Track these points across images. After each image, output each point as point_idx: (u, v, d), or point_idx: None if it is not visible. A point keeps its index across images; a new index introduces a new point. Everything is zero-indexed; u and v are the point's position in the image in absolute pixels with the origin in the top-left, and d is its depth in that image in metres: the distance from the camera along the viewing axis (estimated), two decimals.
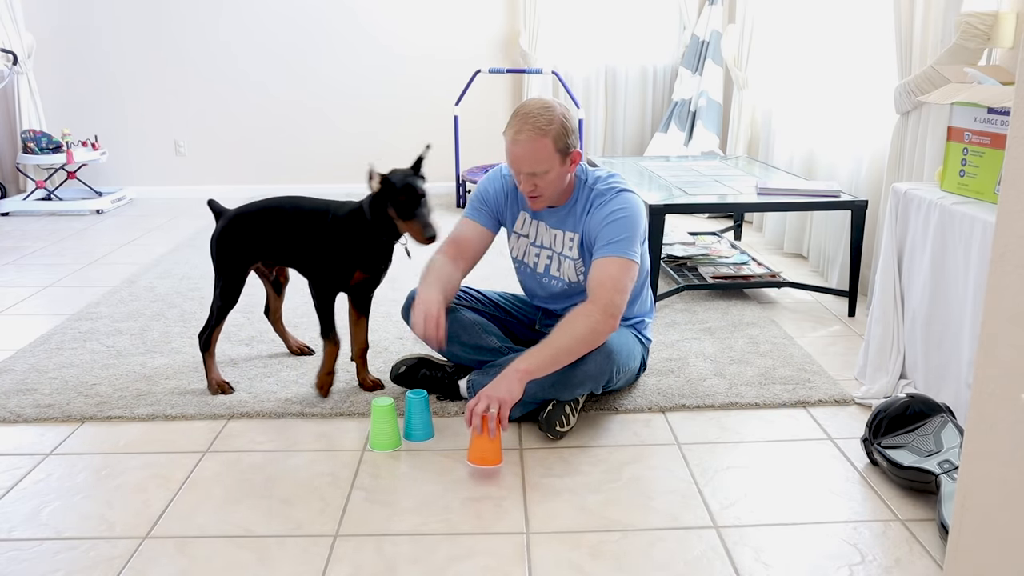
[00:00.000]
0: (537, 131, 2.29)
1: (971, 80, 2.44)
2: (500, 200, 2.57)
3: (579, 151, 2.39)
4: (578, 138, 2.39)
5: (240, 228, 2.63)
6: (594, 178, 2.48)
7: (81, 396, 2.66)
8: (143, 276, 4.01)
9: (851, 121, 3.88)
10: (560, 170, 2.36)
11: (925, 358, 2.50)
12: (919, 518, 1.99)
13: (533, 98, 2.37)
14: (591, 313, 2.28)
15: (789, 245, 4.43)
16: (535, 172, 2.33)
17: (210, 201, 2.78)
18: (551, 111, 2.32)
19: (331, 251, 2.54)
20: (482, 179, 2.62)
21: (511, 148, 2.33)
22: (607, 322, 2.29)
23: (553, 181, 2.36)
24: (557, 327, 2.30)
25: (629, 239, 2.35)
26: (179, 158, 6.05)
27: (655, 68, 5.97)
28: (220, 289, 2.65)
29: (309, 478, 2.20)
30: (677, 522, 1.99)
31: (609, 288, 2.30)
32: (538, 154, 2.30)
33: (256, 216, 2.63)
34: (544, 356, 2.26)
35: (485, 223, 2.57)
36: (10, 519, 2.01)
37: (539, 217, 2.54)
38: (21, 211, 5.49)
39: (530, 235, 2.58)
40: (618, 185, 2.45)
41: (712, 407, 2.59)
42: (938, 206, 2.39)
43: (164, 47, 5.85)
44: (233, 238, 2.63)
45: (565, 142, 2.33)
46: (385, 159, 6.09)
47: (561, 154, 2.33)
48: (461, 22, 5.88)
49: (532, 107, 2.32)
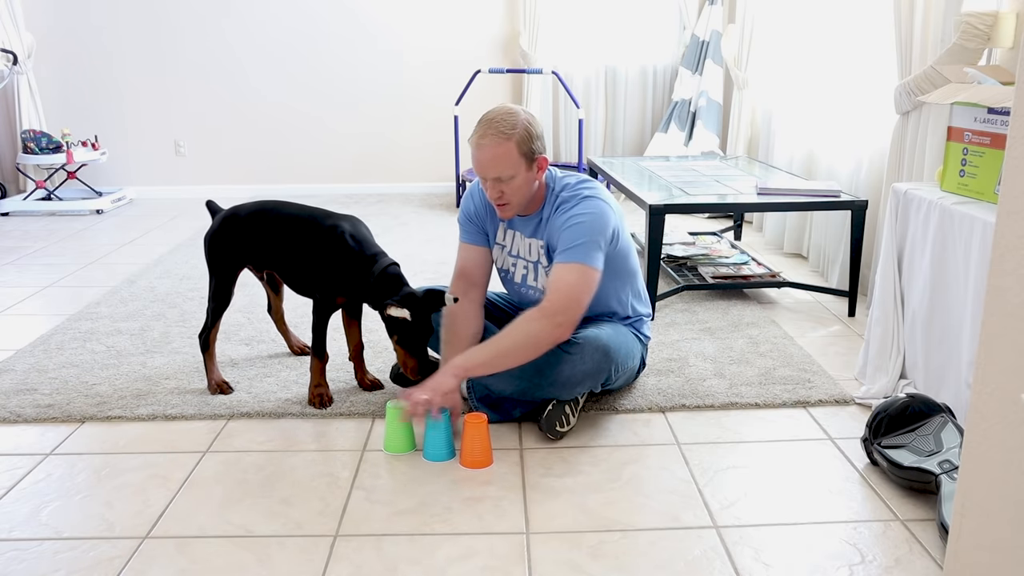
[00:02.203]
0: (500, 135, 2.26)
1: (971, 80, 2.44)
2: (481, 214, 2.55)
3: (545, 157, 2.37)
4: (544, 144, 2.36)
5: (229, 230, 2.63)
6: (561, 185, 2.43)
7: (81, 396, 2.66)
8: (143, 276, 4.01)
9: (851, 121, 3.88)
10: (526, 176, 2.33)
11: (925, 358, 2.50)
12: (919, 518, 1.99)
13: (499, 105, 2.36)
14: (536, 320, 2.25)
15: (789, 245, 4.43)
16: (500, 177, 2.30)
17: (208, 202, 2.79)
18: (515, 116, 2.30)
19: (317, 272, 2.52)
20: (463, 198, 2.60)
21: (475, 153, 2.31)
22: (553, 332, 2.25)
23: (520, 187, 2.33)
24: (505, 328, 2.28)
25: (586, 244, 2.29)
26: (179, 158, 6.05)
27: (655, 68, 5.97)
28: (212, 289, 2.66)
29: (309, 478, 2.20)
30: (677, 522, 1.99)
31: (562, 297, 2.26)
32: (502, 159, 2.27)
33: (245, 219, 2.62)
34: (483, 356, 2.26)
35: (478, 241, 2.56)
36: (10, 519, 2.01)
37: (514, 227, 2.52)
38: (21, 211, 5.49)
39: (507, 245, 2.56)
40: (584, 191, 2.39)
41: (712, 407, 2.59)
42: (938, 206, 2.39)
43: (164, 47, 5.85)
44: (222, 239, 2.63)
45: (530, 146, 2.30)
46: (385, 159, 6.10)
47: (526, 159, 2.30)
48: (461, 22, 5.88)
49: (496, 113, 2.31)
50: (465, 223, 2.57)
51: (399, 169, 6.12)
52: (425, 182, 6.14)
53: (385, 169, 6.12)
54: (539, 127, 2.35)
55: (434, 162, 6.10)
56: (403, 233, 4.88)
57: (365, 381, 2.71)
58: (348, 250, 2.48)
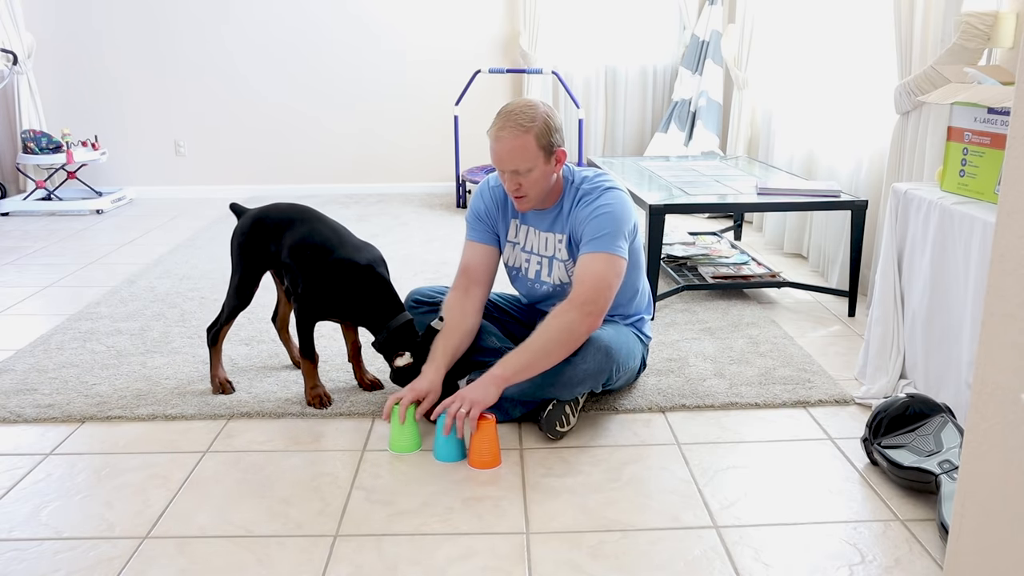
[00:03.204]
0: (519, 128, 2.28)
1: (971, 80, 2.44)
2: (492, 212, 2.56)
3: (564, 150, 2.38)
4: (563, 137, 2.38)
5: (257, 231, 2.61)
6: (580, 178, 2.46)
7: (81, 396, 2.66)
8: (143, 276, 4.01)
9: (851, 121, 3.88)
10: (544, 168, 2.35)
11: (925, 358, 2.50)
12: (919, 518, 1.99)
13: (518, 98, 2.37)
14: (567, 312, 2.27)
15: (789, 245, 4.43)
16: (519, 170, 2.32)
17: (232, 204, 2.76)
18: (534, 109, 2.32)
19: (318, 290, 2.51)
20: (472, 196, 2.61)
21: (494, 145, 2.32)
22: (584, 320, 2.27)
23: (538, 180, 2.35)
24: (536, 329, 2.29)
25: (613, 234, 2.33)
26: (179, 158, 6.05)
27: (655, 68, 5.97)
28: (234, 287, 2.64)
29: (309, 478, 2.20)
30: (677, 522, 1.99)
31: (590, 285, 2.29)
32: (521, 151, 2.29)
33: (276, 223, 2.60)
34: (522, 360, 2.25)
35: (487, 240, 2.56)
36: (10, 519, 2.01)
37: (528, 222, 2.53)
38: (21, 211, 5.49)
39: (521, 241, 2.57)
40: (604, 183, 2.43)
41: (712, 407, 2.59)
42: (938, 206, 2.39)
43: (164, 47, 5.85)
44: (251, 239, 2.61)
45: (548, 139, 2.32)
46: (385, 159, 6.10)
47: (545, 152, 2.32)
48: (461, 22, 5.88)
49: (515, 106, 2.33)
50: (474, 221, 2.57)
51: (399, 169, 6.12)
52: (425, 182, 6.14)
53: (385, 169, 6.12)
54: (558, 120, 2.36)
55: (434, 162, 6.10)
56: (403, 233, 4.88)
57: (364, 381, 2.71)
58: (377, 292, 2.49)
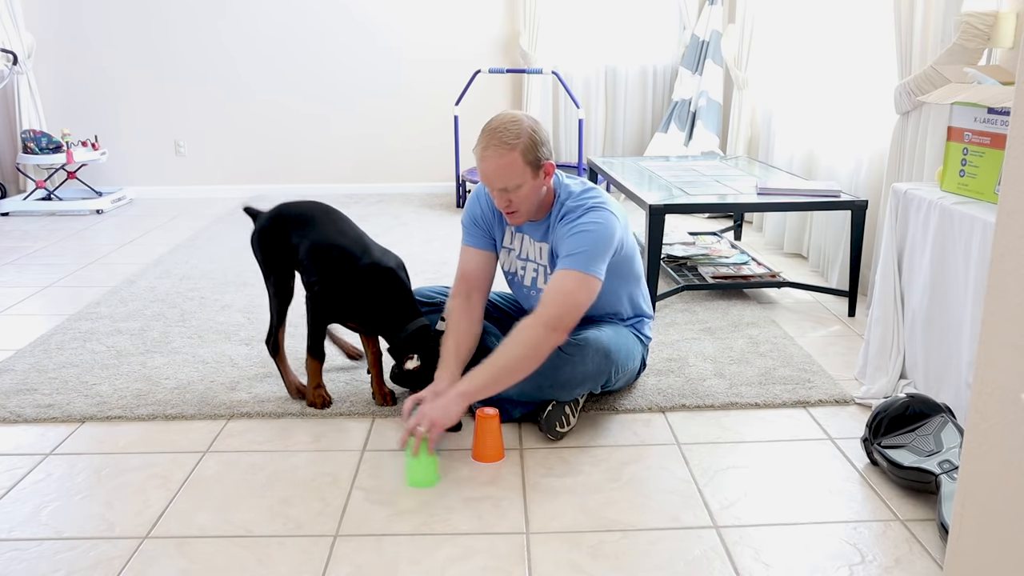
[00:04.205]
0: (504, 145, 2.24)
1: (971, 80, 2.44)
2: (488, 218, 2.52)
3: (551, 163, 2.34)
4: (550, 149, 2.33)
5: (276, 229, 2.59)
6: (567, 193, 2.40)
7: (81, 396, 2.66)
8: (143, 276, 4.01)
9: (851, 121, 3.88)
10: (533, 184, 2.30)
11: (925, 358, 2.50)
12: (919, 518, 1.99)
13: (502, 112, 2.34)
14: (533, 328, 2.22)
15: (789, 245, 4.43)
16: (507, 187, 2.27)
17: (247, 208, 2.74)
18: (518, 124, 2.26)
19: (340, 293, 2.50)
20: (468, 201, 2.57)
21: (480, 165, 2.28)
22: (549, 337, 2.22)
23: (527, 195, 2.31)
24: (502, 343, 2.25)
25: (588, 253, 2.26)
26: (179, 158, 6.05)
27: (655, 68, 5.97)
28: (272, 291, 2.62)
29: (309, 478, 2.20)
30: (677, 522, 1.99)
31: (559, 303, 2.24)
32: (507, 169, 2.25)
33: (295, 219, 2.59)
34: (487, 376, 2.21)
35: (483, 245, 2.53)
36: (10, 519, 2.01)
37: (523, 230, 2.51)
38: (21, 211, 5.49)
39: (516, 248, 2.55)
40: (589, 201, 2.36)
41: (712, 407, 2.59)
42: (938, 206, 2.39)
43: (164, 47, 5.85)
44: (270, 239, 2.60)
45: (535, 154, 2.27)
46: (385, 159, 6.10)
47: (532, 167, 2.28)
48: (461, 22, 5.88)
49: (499, 121, 2.28)
50: (470, 226, 2.53)
51: (399, 169, 6.12)
52: (425, 182, 6.14)
53: (385, 169, 6.12)
54: (544, 133, 2.31)
55: (434, 162, 6.10)
56: (403, 233, 4.88)
57: (378, 396, 2.61)
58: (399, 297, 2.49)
